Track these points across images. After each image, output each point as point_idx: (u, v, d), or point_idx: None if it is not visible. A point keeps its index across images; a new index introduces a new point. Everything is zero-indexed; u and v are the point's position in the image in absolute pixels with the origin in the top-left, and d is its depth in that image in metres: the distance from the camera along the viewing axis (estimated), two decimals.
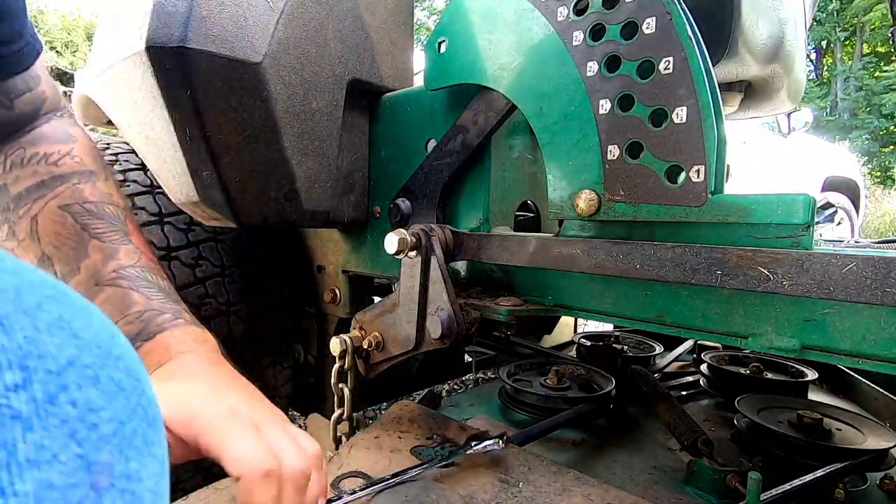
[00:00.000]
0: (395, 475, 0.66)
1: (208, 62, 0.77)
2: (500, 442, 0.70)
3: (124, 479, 0.21)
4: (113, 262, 0.57)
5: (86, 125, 1.58)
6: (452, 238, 0.82)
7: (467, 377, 1.72)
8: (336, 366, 0.85)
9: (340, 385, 0.86)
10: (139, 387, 0.24)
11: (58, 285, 0.22)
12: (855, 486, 0.82)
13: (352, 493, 0.62)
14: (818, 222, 4.55)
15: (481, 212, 0.89)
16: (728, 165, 0.62)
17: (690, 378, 1.28)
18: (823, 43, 18.04)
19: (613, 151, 0.66)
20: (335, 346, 0.85)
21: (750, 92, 1.35)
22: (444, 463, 0.68)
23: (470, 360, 1.52)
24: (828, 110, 16.90)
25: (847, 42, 17.43)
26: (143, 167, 1.12)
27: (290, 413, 1.39)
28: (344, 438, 0.86)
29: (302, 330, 1.24)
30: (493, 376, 1.52)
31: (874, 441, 0.84)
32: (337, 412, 0.86)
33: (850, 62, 16.89)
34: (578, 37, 0.68)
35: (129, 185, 1.08)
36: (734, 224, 0.59)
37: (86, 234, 0.57)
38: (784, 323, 0.57)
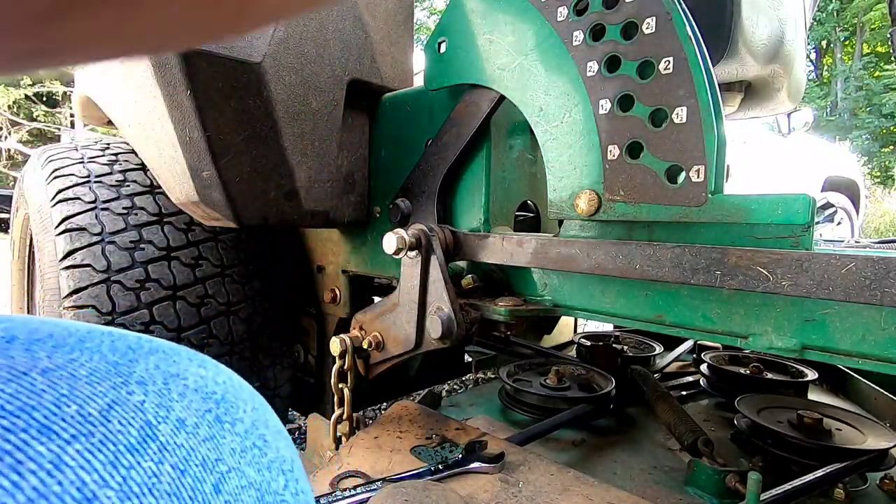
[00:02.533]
0: (394, 476, 0.66)
1: (208, 62, 0.77)
2: (497, 466, 0.69)
3: None
4: None
5: (86, 125, 1.59)
6: (452, 238, 0.82)
7: (467, 377, 1.72)
8: (336, 366, 0.85)
9: (340, 385, 0.86)
10: None
11: None
12: (855, 486, 0.82)
13: (351, 493, 0.62)
14: (818, 222, 4.54)
15: (481, 212, 0.89)
16: (728, 165, 0.62)
17: (690, 378, 1.28)
18: (823, 43, 18.03)
19: (613, 151, 0.66)
20: (335, 346, 0.85)
21: (750, 92, 1.35)
22: (437, 477, 0.67)
23: (470, 360, 1.52)
24: (828, 110, 16.89)
25: (847, 42, 17.42)
26: (143, 167, 1.12)
27: (289, 413, 1.39)
28: (344, 438, 0.86)
29: (302, 330, 1.24)
30: (493, 376, 1.52)
31: (874, 441, 0.84)
32: (337, 412, 0.86)
33: (850, 62, 16.89)
34: (578, 37, 0.68)
35: (129, 185, 1.08)
36: (734, 224, 0.59)
37: None
38: (784, 323, 0.57)
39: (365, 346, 0.84)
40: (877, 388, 1.17)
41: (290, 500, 0.21)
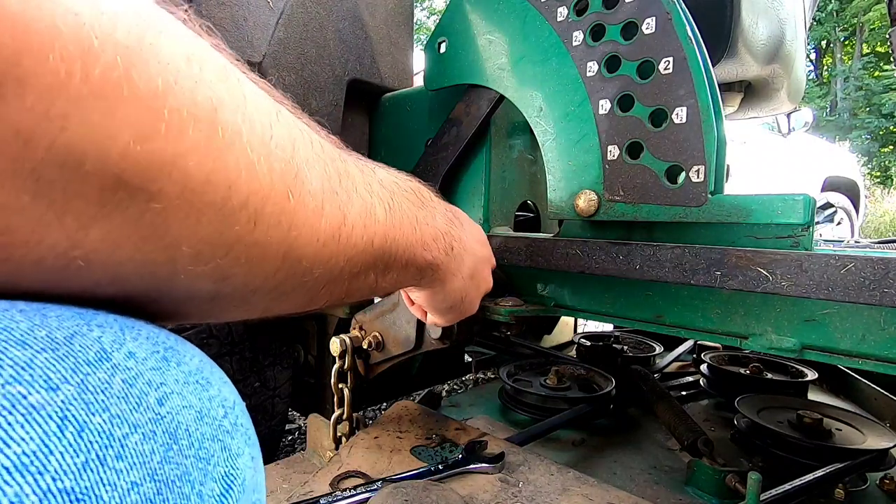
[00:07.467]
0: (394, 476, 0.66)
1: None
2: (497, 466, 0.69)
3: None
4: None
5: None
6: None
7: (467, 377, 1.72)
8: (336, 366, 0.85)
9: (340, 385, 0.86)
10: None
11: None
12: (855, 486, 0.82)
13: (351, 493, 0.62)
14: (818, 222, 4.55)
15: (481, 212, 0.89)
16: (728, 165, 0.62)
17: (690, 378, 1.28)
18: (823, 43, 18.04)
19: (613, 151, 0.66)
20: (335, 346, 0.85)
21: (750, 92, 1.35)
22: (438, 477, 0.67)
23: (470, 360, 1.52)
24: (828, 110, 16.89)
25: (847, 42, 17.43)
26: None
27: (289, 413, 1.39)
28: (344, 438, 0.86)
29: (302, 330, 1.24)
30: (493, 376, 1.52)
31: (874, 441, 0.84)
32: (337, 412, 0.86)
33: (849, 62, 16.90)
34: (578, 37, 0.68)
35: None
36: (734, 224, 0.59)
37: None
38: (784, 323, 0.57)
39: (365, 346, 0.84)
40: (877, 388, 1.17)
41: (227, 427, 0.25)
